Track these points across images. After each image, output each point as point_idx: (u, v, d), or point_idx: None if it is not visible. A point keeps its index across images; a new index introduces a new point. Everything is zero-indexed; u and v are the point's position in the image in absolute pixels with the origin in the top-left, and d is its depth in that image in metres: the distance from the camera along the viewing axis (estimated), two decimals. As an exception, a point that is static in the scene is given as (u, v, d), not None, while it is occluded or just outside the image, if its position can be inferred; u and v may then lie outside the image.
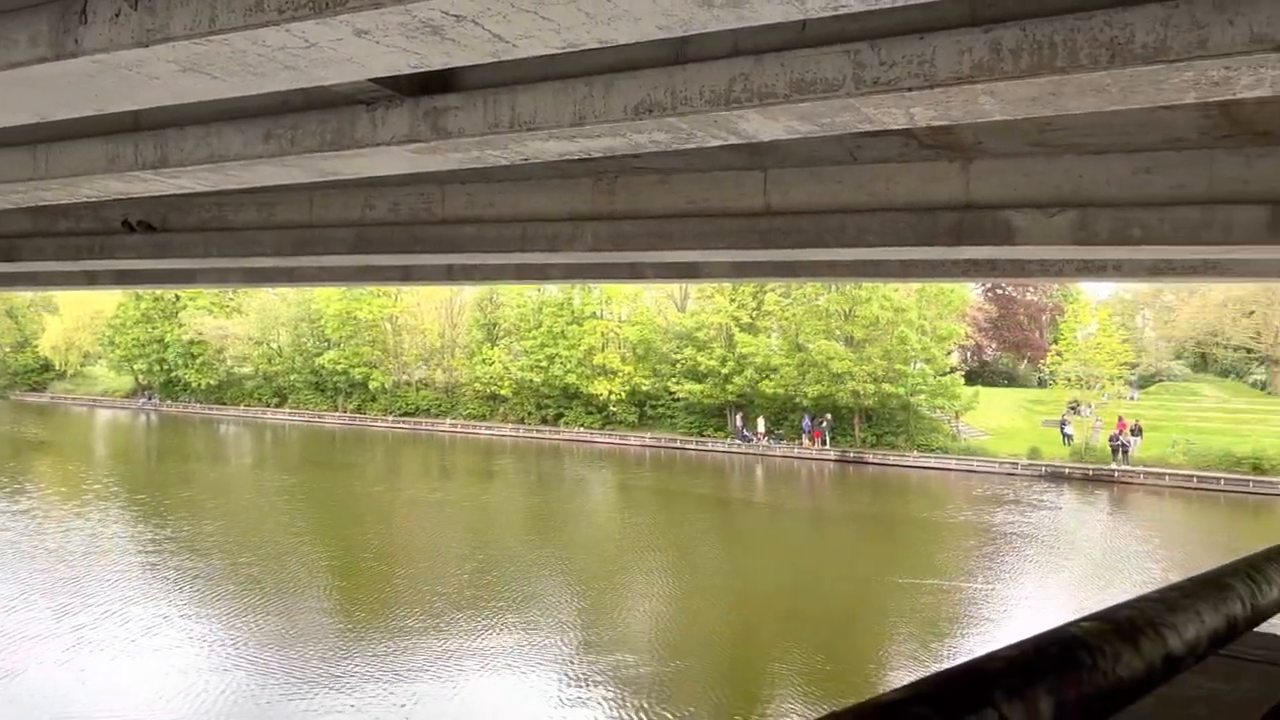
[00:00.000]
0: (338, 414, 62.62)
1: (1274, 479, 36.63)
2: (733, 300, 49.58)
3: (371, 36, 4.40)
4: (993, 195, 8.77)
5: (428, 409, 60.44)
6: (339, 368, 61.36)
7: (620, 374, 53.76)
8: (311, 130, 6.71)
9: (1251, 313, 55.06)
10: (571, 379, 54.05)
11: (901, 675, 16.50)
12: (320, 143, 6.71)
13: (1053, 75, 5.38)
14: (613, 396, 53.62)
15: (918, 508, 35.67)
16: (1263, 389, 55.74)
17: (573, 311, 55.68)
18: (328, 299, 61.54)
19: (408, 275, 15.68)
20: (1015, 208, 8.70)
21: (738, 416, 49.97)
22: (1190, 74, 5.37)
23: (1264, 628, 2.71)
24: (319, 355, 62.83)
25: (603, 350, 54.53)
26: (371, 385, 61.05)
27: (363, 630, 17.88)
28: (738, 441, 49.04)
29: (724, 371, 48.79)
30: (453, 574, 22.92)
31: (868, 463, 44.47)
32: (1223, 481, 37.38)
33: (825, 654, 17.56)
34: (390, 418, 60.22)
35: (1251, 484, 36.75)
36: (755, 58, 5.58)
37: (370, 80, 6.03)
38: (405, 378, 62.46)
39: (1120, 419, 42.77)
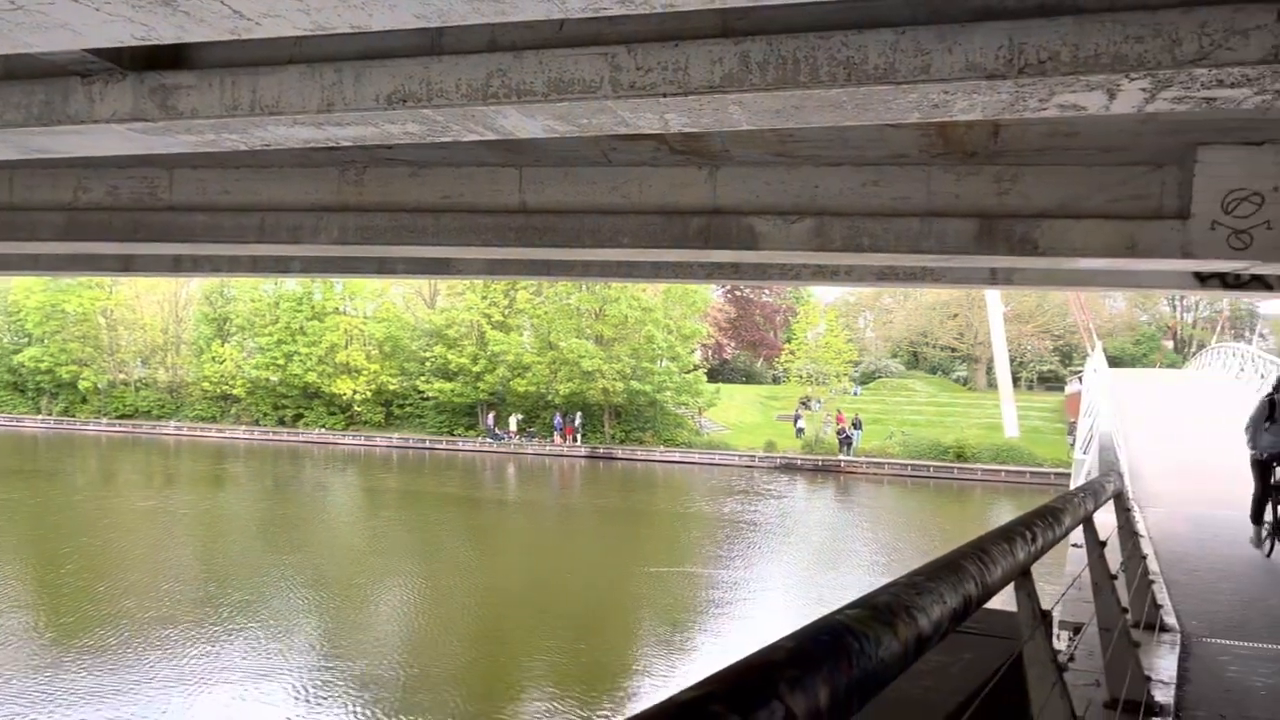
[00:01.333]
0: (41, 417, 56.56)
1: (973, 466, 40.75)
2: (484, 298, 49.18)
3: (90, 2, 3.97)
4: (739, 201, 9.17)
5: (149, 411, 55.81)
6: (42, 366, 55.46)
7: (365, 372, 51.94)
8: (15, 103, 5.99)
9: (956, 315, 61.03)
10: (312, 378, 51.60)
11: (652, 660, 16.97)
12: (26, 117, 6.00)
13: (796, 89, 5.68)
14: (357, 396, 51.71)
15: (664, 501, 36.85)
16: (965, 384, 61.87)
17: (313, 307, 53.19)
18: (27, 289, 55.49)
19: (128, 265, 14.36)
20: (759, 214, 9.14)
21: (489, 415, 49.61)
22: (915, 95, 5.83)
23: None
24: (17, 353, 56.53)
25: (346, 348, 52.46)
26: (81, 385, 55.61)
27: (53, 651, 16.14)
28: (489, 440, 48.69)
29: (475, 369, 48.30)
30: (169, 587, 21.19)
31: (617, 458, 45.45)
32: (932, 469, 41.20)
33: (578, 644, 17.77)
34: (104, 421, 55.10)
35: (955, 471, 40.73)
36: (514, 54, 5.52)
37: (88, 50, 5.46)
38: (122, 377, 57.32)
39: (839, 413, 46.18)
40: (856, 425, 45.51)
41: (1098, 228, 8.81)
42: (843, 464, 42.96)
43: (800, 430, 46.58)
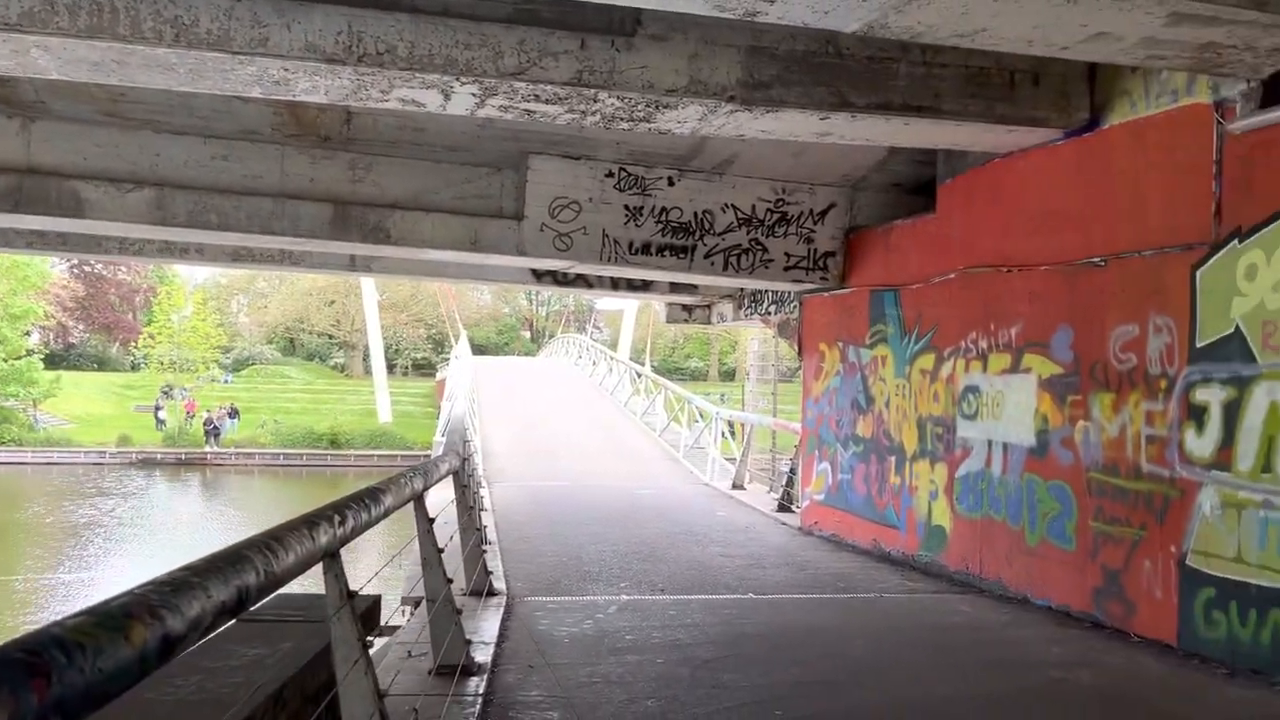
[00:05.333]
0: None
1: (347, 452, 41.15)
2: None
3: None
4: (61, 162, 8.04)
5: None
6: None
7: None
8: None
9: (332, 302, 61.01)
10: None
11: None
12: None
13: (115, 41, 5.10)
14: None
15: (-14, 510, 31.28)
16: (342, 371, 62.20)
17: None
18: None
19: None
20: (86, 178, 8.11)
21: None
22: (254, 69, 5.60)
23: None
24: None
25: None
26: None
27: None
28: None
29: None
30: None
31: (-83, 463, 37.53)
32: (305, 457, 40.69)
33: None
34: None
35: (329, 458, 40.75)
36: None
37: None
38: None
39: (191, 401, 43.71)
40: (233, 414, 43.24)
41: (446, 222, 9.34)
42: (210, 456, 40.50)
43: (161, 422, 42.90)
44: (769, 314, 12.66)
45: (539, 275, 12.56)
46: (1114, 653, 6.02)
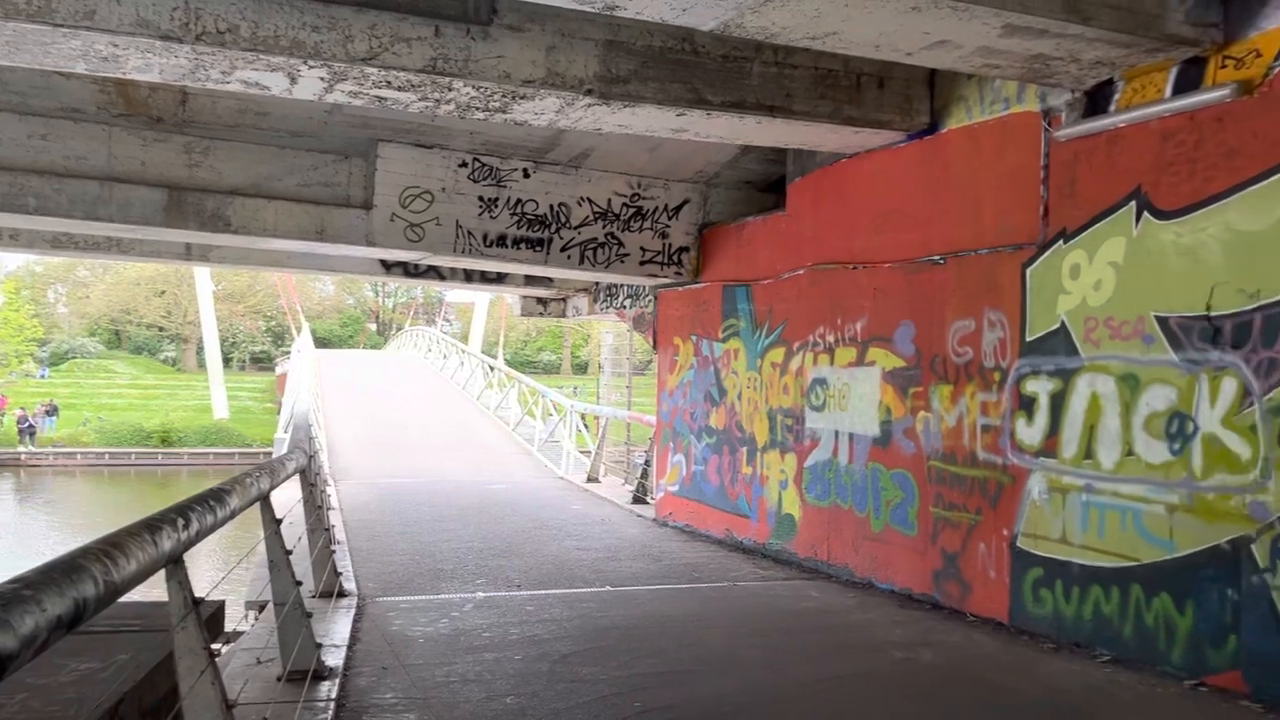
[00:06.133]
0: None
1: (180, 450, 39.12)
2: None
3: None
4: None
5: None
6: None
7: None
8: None
9: (163, 293, 57.80)
10: None
11: None
12: None
13: (-82, 6, 4.68)
14: None
15: None
16: (174, 365, 59.04)
17: None
18: None
19: None
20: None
21: None
22: (79, 43, 5.23)
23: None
24: None
25: None
26: None
27: None
28: None
29: None
30: None
31: None
32: (134, 456, 38.45)
33: None
34: None
35: (161, 456, 38.63)
36: None
37: None
38: None
39: (2, 398, 40.79)
40: (51, 412, 40.41)
41: (290, 210, 8.98)
42: (24, 457, 37.75)
43: (-32, 421, 39.74)
44: (624, 307, 12.74)
45: (388, 266, 12.25)
46: (952, 632, 6.34)
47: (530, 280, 13.31)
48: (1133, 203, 5.67)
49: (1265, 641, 4.90)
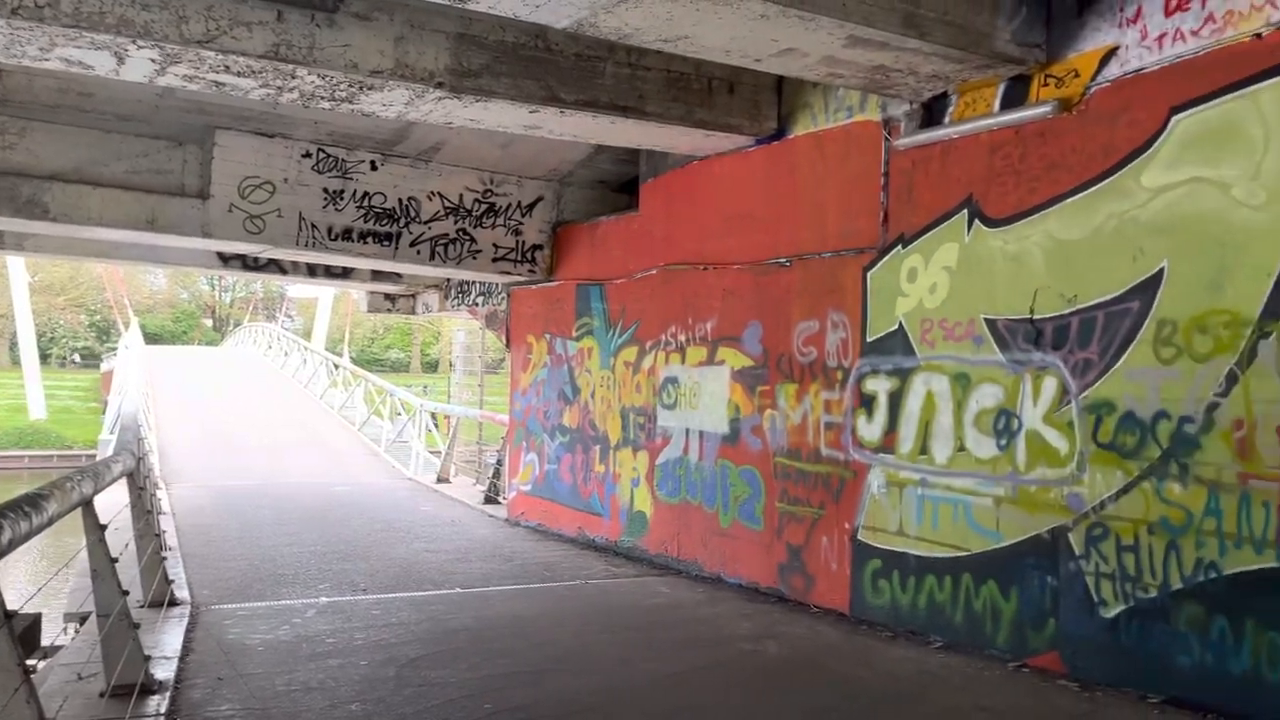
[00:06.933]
0: None
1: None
2: None
3: None
4: None
5: None
6: None
7: None
8: None
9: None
10: None
11: None
12: None
13: None
14: None
15: None
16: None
17: None
18: None
19: None
20: None
21: None
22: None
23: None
24: None
25: None
26: None
27: None
28: None
29: None
30: None
31: None
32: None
33: None
34: None
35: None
36: None
37: None
38: None
39: None
40: None
41: (118, 198, 8.47)
42: None
43: None
44: (477, 305, 12.57)
45: (226, 260, 11.70)
46: (797, 623, 6.53)
47: (378, 276, 12.97)
48: (965, 210, 5.98)
49: (1080, 624, 5.25)
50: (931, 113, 6.23)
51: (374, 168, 9.33)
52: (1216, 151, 4.75)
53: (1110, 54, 5.25)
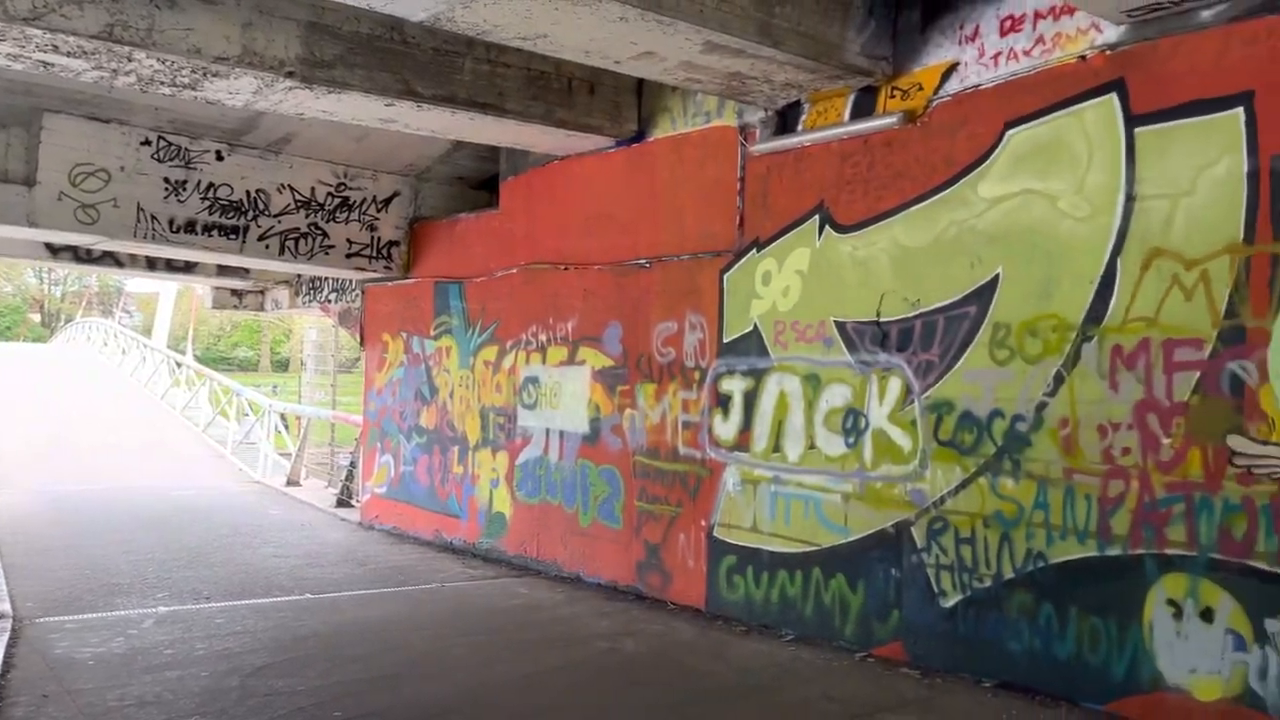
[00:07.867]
0: None
1: None
2: None
3: None
4: None
5: None
6: None
7: None
8: None
9: None
10: None
11: None
12: None
13: None
14: None
15: None
16: None
17: None
18: None
19: None
20: None
21: None
22: None
23: None
24: None
25: None
26: None
27: None
28: None
29: None
30: None
31: None
32: None
33: None
34: None
35: None
36: None
37: None
38: None
39: None
40: None
41: (-74, 182, 7.85)
42: None
43: None
44: (329, 302, 12.20)
45: (55, 251, 10.99)
46: (654, 620, 6.60)
47: (224, 270, 12.43)
48: (817, 216, 6.16)
49: (922, 614, 5.49)
50: (786, 120, 6.40)
51: (220, 158, 8.94)
52: (1046, 165, 5.05)
53: (951, 69, 5.51)
